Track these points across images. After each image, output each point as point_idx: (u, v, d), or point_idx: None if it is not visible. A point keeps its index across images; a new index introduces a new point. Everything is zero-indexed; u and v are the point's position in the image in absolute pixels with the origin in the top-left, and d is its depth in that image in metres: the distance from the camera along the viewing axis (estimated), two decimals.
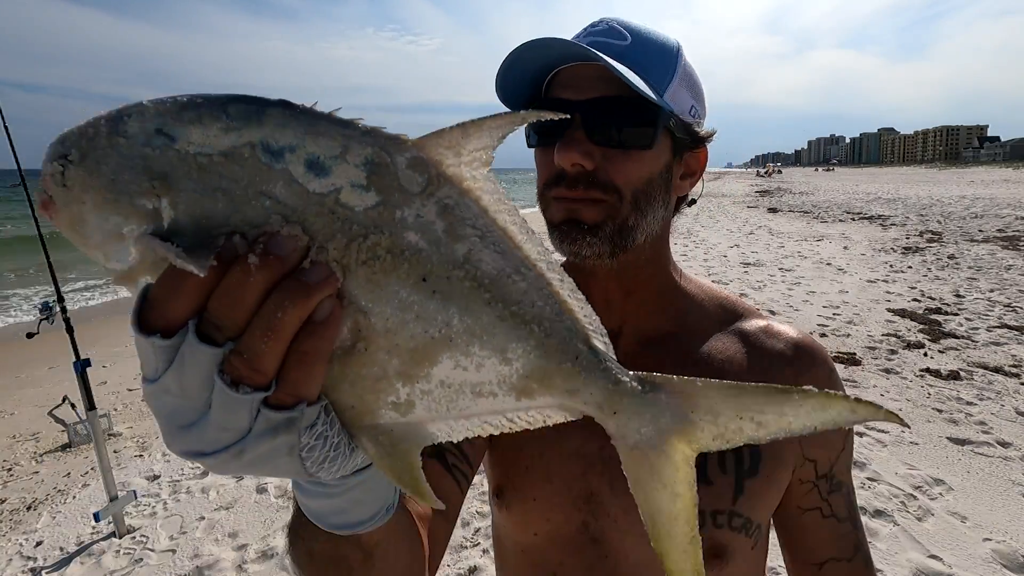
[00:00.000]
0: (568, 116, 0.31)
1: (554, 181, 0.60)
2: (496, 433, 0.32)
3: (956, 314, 5.71)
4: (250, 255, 0.25)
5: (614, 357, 0.33)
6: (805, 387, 0.31)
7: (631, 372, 0.32)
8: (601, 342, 0.32)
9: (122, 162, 0.25)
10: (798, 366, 0.64)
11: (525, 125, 0.59)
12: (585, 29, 0.62)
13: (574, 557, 0.64)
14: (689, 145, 0.64)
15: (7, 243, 14.59)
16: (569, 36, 0.61)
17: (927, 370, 4.26)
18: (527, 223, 0.31)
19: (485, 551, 2.48)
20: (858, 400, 0.30)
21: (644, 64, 0.58)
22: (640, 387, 0.32)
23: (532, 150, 0.68)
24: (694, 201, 0.72)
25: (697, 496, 0.34)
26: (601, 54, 0.54)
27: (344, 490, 0.34)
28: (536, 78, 0.61)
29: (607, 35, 0.59)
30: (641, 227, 0.60)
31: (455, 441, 0.32)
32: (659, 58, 0.59)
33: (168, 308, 0.25)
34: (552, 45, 0.55)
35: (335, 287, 0.26)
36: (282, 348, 0.26)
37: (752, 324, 0.67)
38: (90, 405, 2.77)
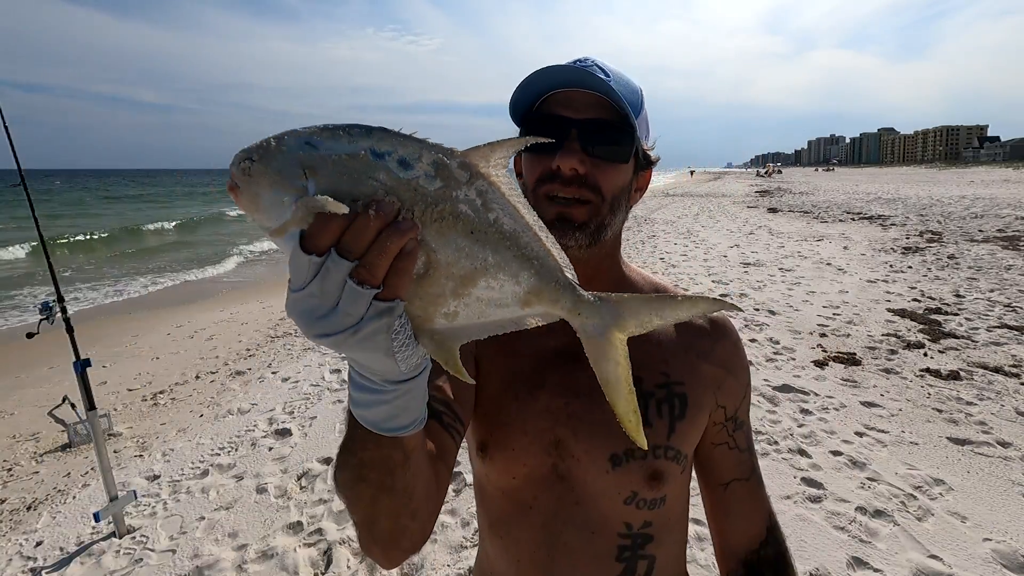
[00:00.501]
0: (552, 140, 0.52)
1: (547, 178, 0.74)
2: (503, 332, 0.49)
3: (956, 314, 5.71)
4: (369, 210, 0.40)
5: (578, 283, 0.51)
6: (682, 294, 0.55)
7: (588, 292, 0.51)
8: (571, 273, 0.50)
9: (285, 160, 0.41)
10: (714, 335, 0.84)
11: (520, 132, 0.77)
12: (574, 61, 0.76)
13: (546, 492, 0.79)
14: (644, 165, 0.81)
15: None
16: (568, 54, 0.80)
17: (927, 370, 4.26)
18: (528, 203, 0.49)
19: None
20: (707, 298, 0.54)
21: (624, 97, 0.73)
22: (593, 299, 0.51)
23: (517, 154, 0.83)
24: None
25: (631, 366, 0.53)
26: (612, 87, 0.71)
27: (396, 396, 0.49)
28: (533, 96, 0.76)
29: (596, 71, 0.73)
30: (612, 225, 0.77)
31: (481, 338, 0.49)
32: (630, 95, 0.75)
33: (320, 238, 0.40)
34: (567, 74, 0.72)
35: (416, 232, 0.42)
36: (387, 263, 0.41)
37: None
38: (90, 405, 2.77)
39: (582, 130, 0.73)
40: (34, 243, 15.15)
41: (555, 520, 0.79)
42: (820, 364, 4.48)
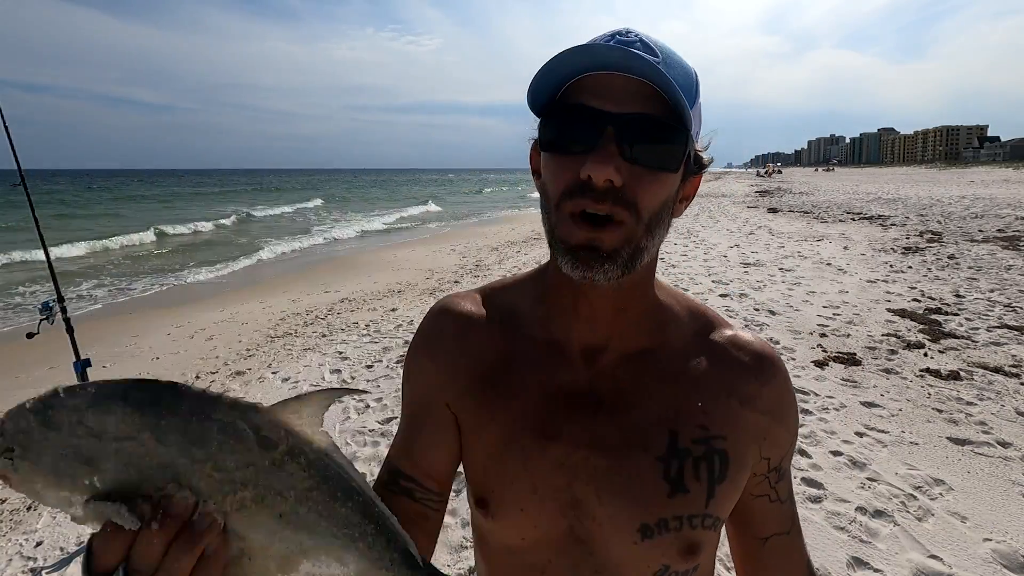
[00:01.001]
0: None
1: (577, 191, 0.57)
2: None
3: (956, 314, 5.71)
4: (152, 521, 0.36)
5: (419, 556, 0.47)
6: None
7: (425, 562, 0.48)
8: (412, 548, 0.46)
9: (57, 453, 0.35)
10: (761, 377, 0.68)
11: (539, 125, 0.63)
12: (613, 36, 0.59)
13: (561, 556, 0.67)
14: (694, 170, 0.64)
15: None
16: (585, 38, 0.61)
17: (927, 370, 4.26)
18: (351, 462, 0.44)
19: None
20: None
21: (678, 85, 0.55)
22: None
23: (525, 153, 0.68)
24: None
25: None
26: (664, 72, 0.54)
27: None
28: (561, 82, 0.59)
29: (641, 49, 0.56)
30: (649, 249, 0.61)
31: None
32: (684, 81, 0.58)
33: (106, 557, 0.36)
34: (604, 54, 0.54)
35: (216, 532, 0.37)
36: (186, 574, 0.36)
37: (721, 335, 0.70)
38: None
39: (621, 128, 0.55)
40: (89, 240, 15.49)
41: None
42: (820, 364, 4.48)
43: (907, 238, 11.16)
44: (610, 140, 0.56)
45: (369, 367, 4.95)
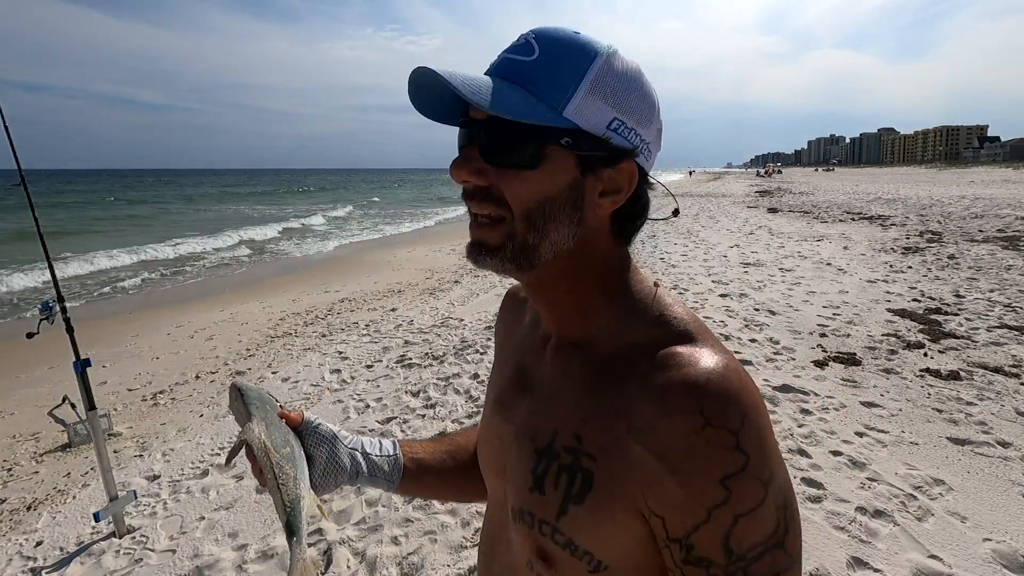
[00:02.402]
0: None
1: (464, 193, 0.63)
2: None
3: (956, 314, 5.71)
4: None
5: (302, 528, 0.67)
6: None
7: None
8: (299, 520, 0.68)
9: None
10: (664, 407, 0.53)
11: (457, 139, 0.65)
12: (511, 43, 0.61)
13: (500, 512, 0.73)
14: (605, 161, 0.59)
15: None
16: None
17: (927, 370, 4.26)
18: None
19: None
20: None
21: (540, 80, 0.57)
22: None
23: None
24: (676, 211, 0.74)
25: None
26: (464, 77, 0.56)
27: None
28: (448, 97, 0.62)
29: (517, 51, 0.59)
30: (544, 245, 0.60)
31: None
32: (562, 71, 0.57)
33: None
34: (423, 76, 0.57)
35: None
36: None
37: (665, 351, 0.58)
38: (90, 405, 2.77)
39: (481, 133, 0.60)
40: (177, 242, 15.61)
41: (496, 544, 0.74)
42: (820, 364, 4.48)
43: (907, 238, 11.16)
44: (473, 144, 0.60)
45: (369, 367, 4.95)
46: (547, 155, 0.58)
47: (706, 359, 0.56)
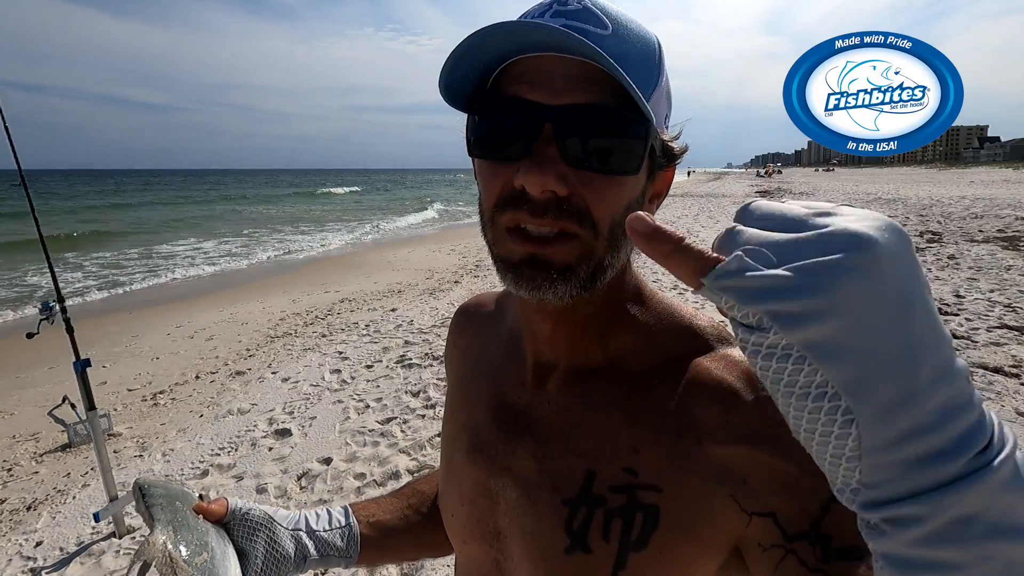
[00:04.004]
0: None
1: (511, 202, 0.47)
2: None
3: (956, 314, 5.71)
4: None
5: None
6: None
7: None
8: None
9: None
10: (729, 401, 0.49)
11: (466, 127, 0.51)
12: (550, 5, 0.47)
13: None
14: (662, 163, 0.52)
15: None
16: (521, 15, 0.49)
17: None
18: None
19: None
20: None
21: (628, 64, 0.43)
22: None
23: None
24: None
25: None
26: (599, 50, 0.41)
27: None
28: (484, 70, 0.48)
29: (584, 19, 0.45)
30: (613, 265, 0.50)
31: None
32: (643, 58, 0.47)
33: None
34: (526, 32, 0.43)
35: None
36: None
37: (703, 360, 0.52)
38: (90, 405, 2.77)
39: (561, 124, 0.45)
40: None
41: None
42: None
43: None
44: (548, 140, 0.45)
45: (369, 367, 4.95)
46: (646, 157, 0.48)
47: (742, 357, 0.51)
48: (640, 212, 0.32)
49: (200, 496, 0.66)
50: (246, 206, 33.87)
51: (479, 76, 0.49)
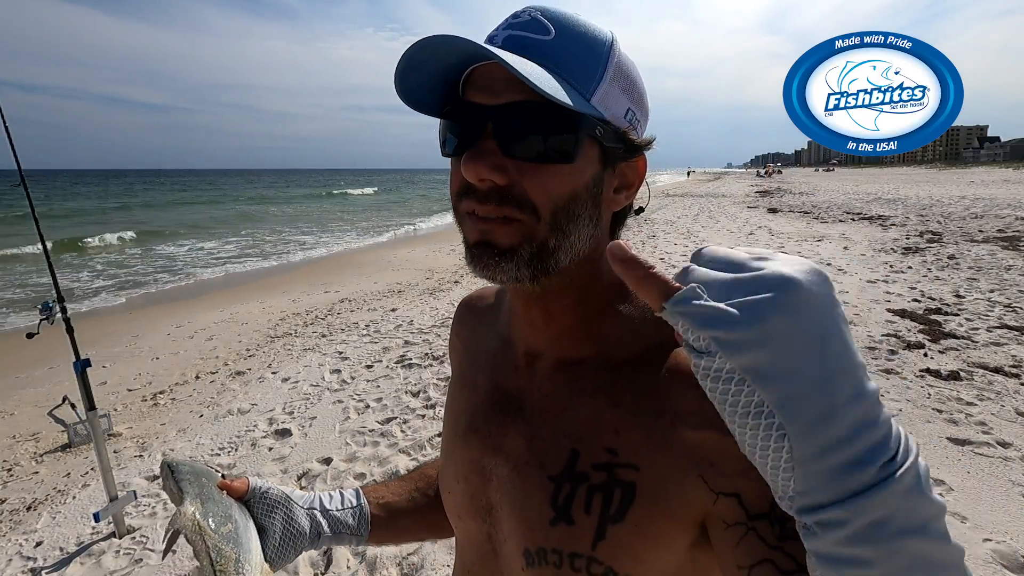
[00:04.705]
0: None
1: (464, 191, 0.54)
2: None
3: (956, 314, 5.71)
4: None
5: None
6: None
7: None
8: None
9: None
10: (694, 423, 0.52)
11: (440, 130, 0.58)
12: (507, 20, 0.54)
13: (482, 562, 0.66)
14: (623, 155, 0.56)
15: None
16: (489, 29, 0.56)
17: (927, 370, 4.26)
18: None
19: None
20: None
21: (567, 63, 0.51)
22: None
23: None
24: (641, 210, 0.65)
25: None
26: (507, 54, 0.48)
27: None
28: (443, 78, 0.55)
29: (528, 28, 0.52)
30: (564, 248, 0.54)
31: None
32: (586, 55, 0.52)
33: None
34: (449, 43, 0.49)
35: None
36: None
37: (677, 355, 0.56)
38: (90, 405, 2.77)
39: (500, 121, 0.51)
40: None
41: None
42: None
43: (907, 238, 11.16)
44: (489, 136, 0.52)
45: (369, 367, 4.95)
46: (582, 147, 0.52)
47: None
48: (619, 241, 0.37)
49: (222, 476, 0.70)
50: (266, 206, 34.02)
51: (440, 85, 0.55)
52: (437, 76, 0.54)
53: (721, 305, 0.31)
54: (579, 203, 0.54)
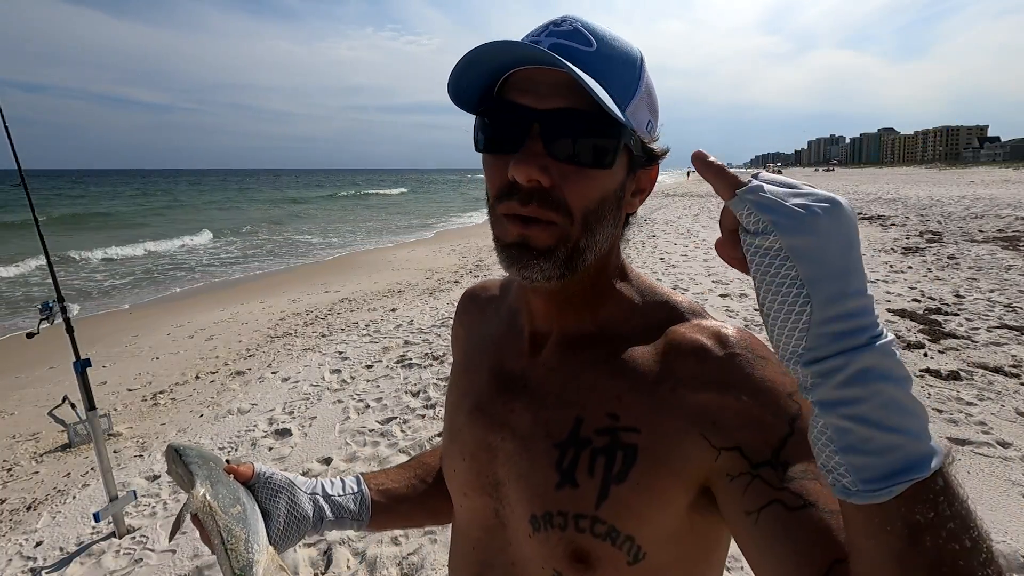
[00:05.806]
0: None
1: (506, 193, 0.56)
2: None
3: (956, 314, 5.70)
4: None
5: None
6: None
7: None
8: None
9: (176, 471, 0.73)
10: (703, 355, 0.58)
11: (474, 127, 0.61)
12: (546, 27, 0.57)
13: (488, 536, 0.68)
14: (644, 163, 0.61)
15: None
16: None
17: (927, 370, 4.26)
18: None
19: None
20: None
21: (608, 76, 0.54)
22: None
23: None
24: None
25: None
26: (569, 64, 0.51)
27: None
28: (489, 78, 0.58)
29: (572, 38, 0.55)
30: (591, 248, 0.58)
31: None
32: (623, 70, 0.56)
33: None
34: (515, 49, 0.53)
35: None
36: None
37: (680, 326, 0.62)
38: (90, 405, 2.77)
39: (546, 125, 0.54)
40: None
41: (491, 572, 0.68)
42: None
43: (907, 238, 11.16)
44: (535, 138, 0.54)
45: (369, 367, 4.95)
46: (619, 155, 0.56)
47: (719, 324, 0.62)
48: (701, 150, 0.44)
49: (227, 460, 0.73)
50: (300, 207, 33.91)
51: (484, 84, 0.58)
52: (486, 76, 0.57)
53: (783, 199, 0.40)
54: (607, 206, 0.58)
